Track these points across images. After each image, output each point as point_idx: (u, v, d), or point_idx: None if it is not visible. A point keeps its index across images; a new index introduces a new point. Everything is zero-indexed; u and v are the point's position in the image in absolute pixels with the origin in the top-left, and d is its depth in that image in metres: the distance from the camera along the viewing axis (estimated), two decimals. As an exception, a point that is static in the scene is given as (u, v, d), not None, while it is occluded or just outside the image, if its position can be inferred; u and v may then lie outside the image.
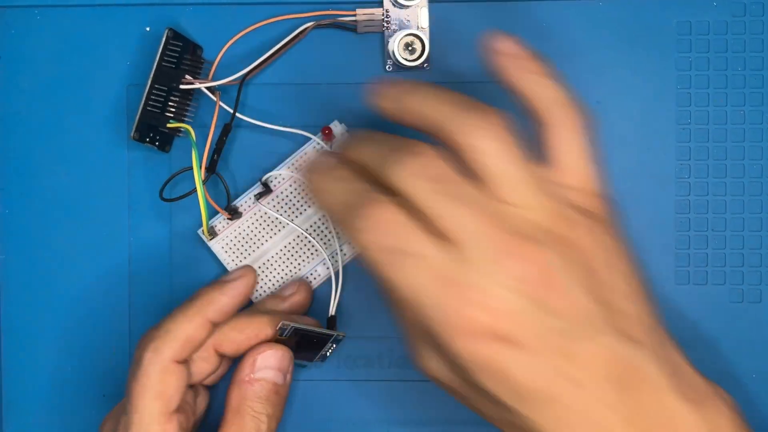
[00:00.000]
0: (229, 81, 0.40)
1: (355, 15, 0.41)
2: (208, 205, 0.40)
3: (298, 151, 0.42)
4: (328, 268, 0.42)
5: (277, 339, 0.38)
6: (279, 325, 0.38)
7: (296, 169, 0.42)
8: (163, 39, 0.40)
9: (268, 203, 0.42)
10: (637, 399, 0.30)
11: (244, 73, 0.40)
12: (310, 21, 0.41)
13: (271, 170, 0.42)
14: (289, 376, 0.38)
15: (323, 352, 0.41)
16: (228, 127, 0.40)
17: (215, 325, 0.37)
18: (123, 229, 0.42)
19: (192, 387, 0.38)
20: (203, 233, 0.41)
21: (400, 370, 0.43)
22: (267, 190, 0.41)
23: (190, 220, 0.42)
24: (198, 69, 0.41)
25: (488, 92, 0.42)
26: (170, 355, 0.36)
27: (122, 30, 0.42)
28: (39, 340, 0.43)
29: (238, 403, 0.37)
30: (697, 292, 0.42)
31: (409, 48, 0.41)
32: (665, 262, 0.42)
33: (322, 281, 0.42)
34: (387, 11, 0.41)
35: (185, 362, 0.36)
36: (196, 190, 0.40)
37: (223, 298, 0.37)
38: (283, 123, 0.42)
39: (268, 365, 0.37)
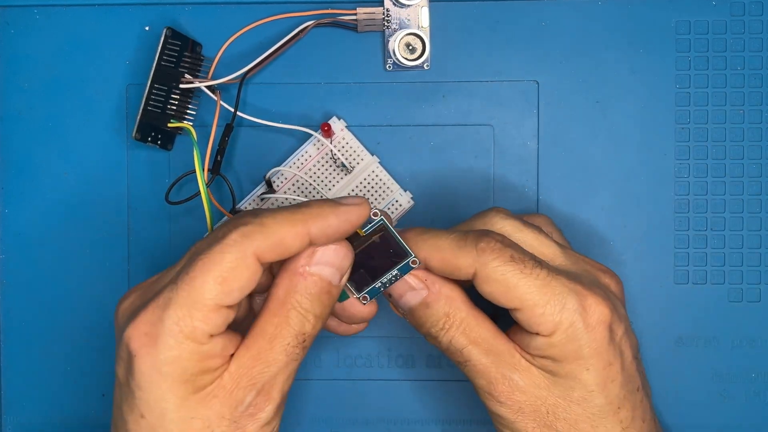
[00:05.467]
0: (229, 80, 0.40)
1: (355, 14, 0.41)
2: (212, 208, 0.40)
3: (300, 148, 0.42)
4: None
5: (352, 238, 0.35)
6: (372, 211, 0.34)
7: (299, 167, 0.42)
8: (162, 38, 0.40)
9: (272, 203, 0.42)
10: None
11: (244, 71, 0.40)
12: (310, 20, 0.41)
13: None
14: (344, 279, 0.34)
15: (381, 281, 0.35)
16: (230, 127, 0.40)
17: (312, 243, 0.33)
18: (123, 229, 0.42)
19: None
20: None
21: (400, 369, 0.43)
22: (270, 189, 0.41)
23: (190, 218, 0.42)
24: (198, 67, 0.41)
25: (487, 92, 0.42)
26: (256, 248, 0.31)
27: (122, 30, 0.42)
28: (39, 340, 0.43)
29: (285, 295, 0.33)
30: (697, 292, 0.42)
31: (410, 47, 0.41)
32: (664, 262, 0.42)
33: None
34: (387, 10, 0.41)
35: (264, 267, 0.32)
36: (200, 193, 0.39)
37: (333, 218, 0.33)
38: (283, 121, 0.42)
39: (328, 261, 0.33)
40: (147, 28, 0.42)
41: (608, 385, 0.34)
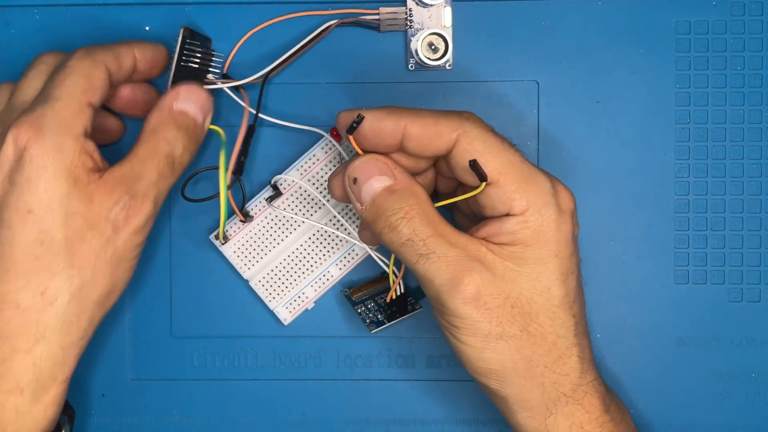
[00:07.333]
0: (252, 80, 0.40)
1: (378, 14, 0.41)
2: (227, 208, 0.40)
3: (307, 152, 0.41)
4: (340, 269, 0.42)
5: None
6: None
7: (305, 172, 0.41)
8: (180, 38, 0.39)
9: (279, 206, 0.41)
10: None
11: (266, 72, 0.40)
12: (332, 18, 0.41)
13: (282, 170, 0.41)
14: (207, 122, 0.39)
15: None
16: (252, 128, 0.40)
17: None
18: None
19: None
20: (218, 238, 0.41)
21: (400, 369, 0.43)
22: (277, 192, 0.41)
23: (190, 218, 0.42)
24: (209, 62, 0.40)
25: (487, 92, 0.42)
26: (103, 57, 0.36)
27: (122, 30, 0.42)
28: (39, 340, 0.42)
29: (155, 125, 0.37)
30: (696, 292, 0.42)
31: (432, 47, 0.41)
32: (664, 262, 0.42)
33: (335, 282, 0.42)
34: (410, 10, 0.41)
35: (108, 74, 0.37)
36: (218, 195, 0.39)
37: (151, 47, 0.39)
38: (300, 122, 0.41)
39: (191, 99, 0.38)
40: (147, 28, 0.42)
41: (569, 276, 0.35)
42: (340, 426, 0.43)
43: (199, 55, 0.40)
